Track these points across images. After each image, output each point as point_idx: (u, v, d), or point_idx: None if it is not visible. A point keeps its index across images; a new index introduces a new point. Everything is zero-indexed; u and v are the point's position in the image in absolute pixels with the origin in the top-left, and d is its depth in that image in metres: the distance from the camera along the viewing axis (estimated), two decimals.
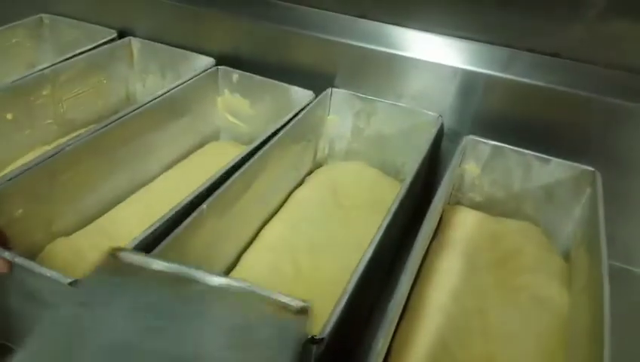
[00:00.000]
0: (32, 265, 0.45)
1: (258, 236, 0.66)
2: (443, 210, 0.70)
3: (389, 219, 0.53)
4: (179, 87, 0.75)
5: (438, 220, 0.67)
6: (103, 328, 0.38)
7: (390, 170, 0.79)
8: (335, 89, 0.77)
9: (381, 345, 0.40)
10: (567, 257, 0.65)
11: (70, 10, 0.92)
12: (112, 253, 0.43)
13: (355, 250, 0.51)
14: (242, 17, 0.82)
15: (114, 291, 0.41)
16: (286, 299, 0.40)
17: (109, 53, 0.85)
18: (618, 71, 0.66)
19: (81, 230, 0.64)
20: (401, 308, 0.50)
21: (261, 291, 0.40)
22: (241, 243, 0.64)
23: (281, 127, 0.68)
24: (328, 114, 0.79)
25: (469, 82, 0.70)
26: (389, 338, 0.46)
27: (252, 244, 0.64)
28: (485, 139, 0.68)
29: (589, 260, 0.56)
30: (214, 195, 0.55)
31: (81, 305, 0.39)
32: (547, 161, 0.66)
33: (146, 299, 0.40)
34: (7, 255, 0.45)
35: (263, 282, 0.44)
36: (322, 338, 0.40)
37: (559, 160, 0.65)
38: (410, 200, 0.64)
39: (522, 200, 0.69)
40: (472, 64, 0.70)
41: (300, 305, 0.39)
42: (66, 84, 0.78)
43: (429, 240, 0.64)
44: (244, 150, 0.63)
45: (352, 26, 0.77)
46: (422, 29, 0.74)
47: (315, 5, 0.79)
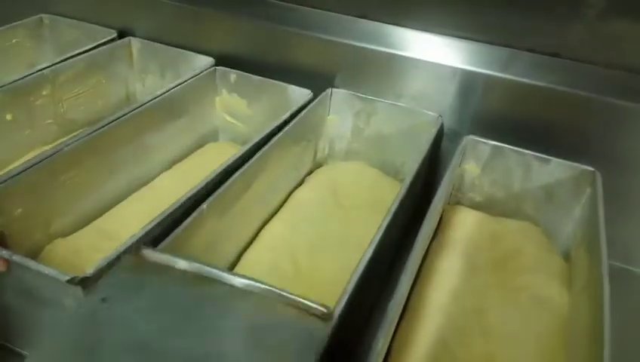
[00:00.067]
0: (30, 262, 0.44)
1: (258, 236, 0.66)
2: (443, 210, 0.70)
3: (389, 219, 0.53)
4: (177, 88, 0.75)
5: (438, 220, 0.67)
6: (123, 325, 0.38)
7: (390, 170, 0.79)
8: (335, 89, 0.77)
9: (381, 345, 0.40)
10: (567, 257, 0.65)
11: (70, 10, 0.92)
12: (136, 251, 0.43)
13: (355, 250, 0.51)
14: (242, 17, 0.81)
15: (136, 289, 0.41)
16: (310, 303, 0.40)
17: (109, 53, 0.85)
18: (618, 71, 0.66)
19: (80, 230, 0.64)
20: (401, 308, 0.50)
21: (285, 294, 0.40)
22: (241, 243, 0.64)
23: (279, 126, 0.68)
24: (328, 114, 0.79)
25: (468, 82, 0.70)
26: (389, 338, 0.46)
27: (252, 244, 0.64)
28: (485, 139, 0.68)
29: (589, 260, 0.55)
30: (214, 195, 0.55)
31: (102, 301, 0.39)
32: (547, 161, 0.65)
33: (168, 297, 0.41)
34: (5, 253, 0.45)
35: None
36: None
37: (559, 160, 0.65)
38: (410, 200, 0.64)
39: (522, 200, 0.69)
40: (472, 64, 0.70)
41: (324, 309, 0.39)
42: (65, 84, 0.78)
43: (429, 240, 0.64)
44: (242, 149, 0.63)
45: (352, 27, 0.77)
46: (422, 29, 0.74)
47: (315, 5, 0.79)
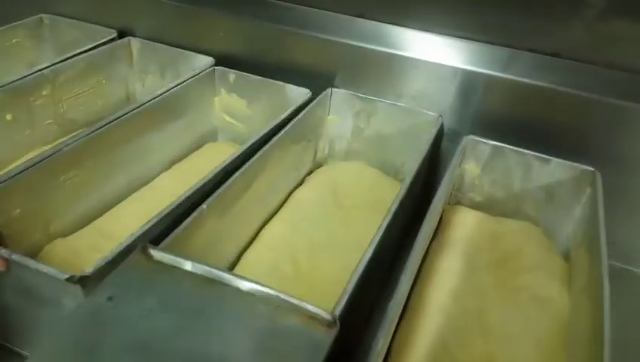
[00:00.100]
0: (29, 261, 0.44)
1: (258, 236, 0.66)
2: (443, 210, 0.70)
3: (389, 219, 0.53)
4: (175, 88, 0.74)
5: (438, 220, 0.67)
6: (128, 325, 0.38)
7: (390, 170, 0.79)
8: (335, 89, 0.77)
9: (381, 345, 0.40)
10: (567, 257, 0.65)
11: (70, 10, 0.92)
12: (143, 251, 0.43)
13: (355, 250, 0.51)
14: (242, 17, 0.81)
15: (142, 288, 0.41)
16: (316, 310, 0.40)
17: (109, 53, 0.85)
18: (618, 71, 0.66)
19: (80, 231, 0.64)
20: (401, 308, 0.50)
21: (291, 299, 0.40)
22: (241, 243, 0.64)
23: (278, 125, 0.68)
24: (328, 114, 0.79)
25: (469, 82, 0.70)
26: (389, 338, 0.46)
27: (252, 244, 0.64)
28: (485, 139, 0.68)
29: (589, 260, 0.55)
30: (214, 195, 0.55)
31: (108, 300, 0.39)
32: (547, 161, 0.65)
33: (173, 298, 0.40)
34: (4, 252, 0.45)
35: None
36: None
37: (559, 160, 0.65)
38: (410, 200, 0.64)
39: (522, 200, 0.69)
40: (472, 64, 0.70)
41: (329, 317, 0.39)
42: (65, 84, 0.78)
43: (429, 240, 0.64)
44: (240, 148, 0.63)
45: (351, 26, 0.77)
46: (422, 28, 0.73)
47: (313, 5, 0.79)
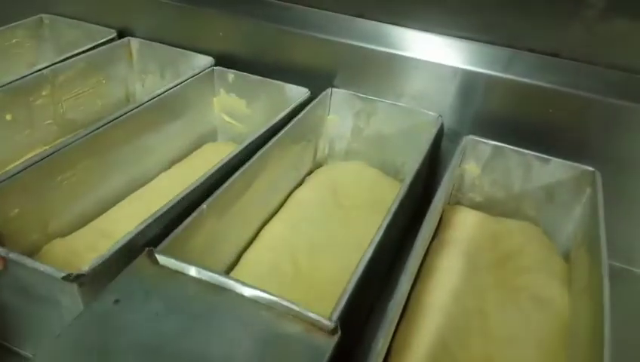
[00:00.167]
0: (26, 260, 0.45)
1: (258, 236, 0.66)
2: (443, 210, 0.70)
3: (389, 219, 0.53)
4: (174, 88, 0.74)
5: (438, 220, 0.67)
6: (134, 328, 0.38)
7: (390, 170, 0.79)
8: (335, 89, 0.77)
9: (381, 345, 0.40)
10: (567, 257, 0.65)
11: (70, 10, 0.92)
12: (149, 255, 0.43)
13: (355, 250, 0.51)
14: (242, 17, 0.81)
15: (148, 292, 0.41)
16: (318, 318, 0.40)
17: (108, 53, 0.85)
18: (618, 71, 0.66)
19: (78, 231, 0.64)
20: (401, 308, 0.50)
21: (293, 306, 0.41)
22: (241, 243, 0.64)
23: (277, 124, 0.68)
24: (328, 114, 0.79)
25: (469, 82, 0.70)
26: (389, 338, 0.46)
27: (252, 244, 0.64)
28: (485, 139, 0.68)
29: (590, 260, 0.55)
30: (214, 195, 0.55)
31: (115, 303, 0.40)
32: (547, 161, 0.65)
33: (179, 302, 0.41)
34: (2, 251, 0.45)
35: (262, 282, 0.44)
36: None
37: (559, 160, 0.65)
38: (410, 200, 0.64)
39: (522, 201, 0.69)
40: (473, 64, 0.70)
41: (331, 324, 0.39)
42: (65, 84, 0.78)
43: (429, 240, 0.64)
44: (238, 147, 0.63)
45: (351, 26, 0.77)
46: (422, 28, 0.73)
47: (312, 5, 0.79)
